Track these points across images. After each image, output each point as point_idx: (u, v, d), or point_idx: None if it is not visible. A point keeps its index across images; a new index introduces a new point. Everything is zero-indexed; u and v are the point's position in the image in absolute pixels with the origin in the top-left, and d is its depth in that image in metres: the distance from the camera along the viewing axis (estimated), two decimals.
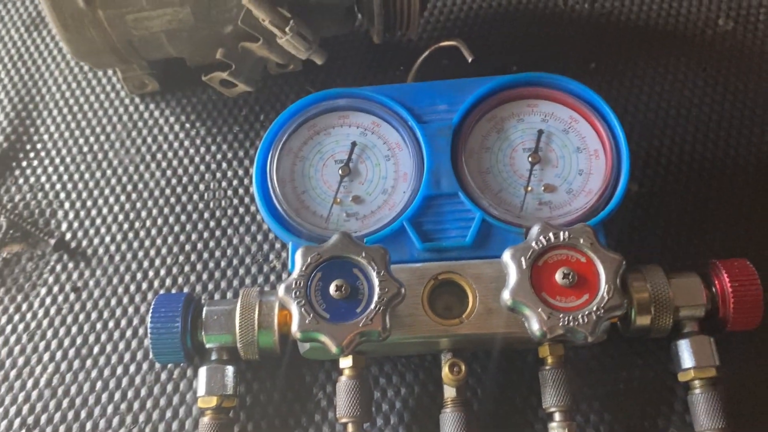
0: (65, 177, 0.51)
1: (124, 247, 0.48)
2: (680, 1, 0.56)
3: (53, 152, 0.52)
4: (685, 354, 0.39)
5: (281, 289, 0.36)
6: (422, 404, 0.41)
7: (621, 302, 0.35)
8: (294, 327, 0.35)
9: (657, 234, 0.45)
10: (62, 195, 0.50)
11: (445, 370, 0.38)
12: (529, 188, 0.42)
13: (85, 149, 0.52)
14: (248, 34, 0.45)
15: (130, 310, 0.45)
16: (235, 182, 0.50)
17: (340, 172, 0.42)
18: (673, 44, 0.54)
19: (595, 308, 0.35)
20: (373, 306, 0.35)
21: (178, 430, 0.41)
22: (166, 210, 0.49)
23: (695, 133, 0.50)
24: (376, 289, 0.35)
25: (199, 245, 0.47)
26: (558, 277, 0.35)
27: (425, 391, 0.42)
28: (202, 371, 0.40)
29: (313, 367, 0.43)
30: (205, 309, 0.41)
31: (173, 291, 0.46)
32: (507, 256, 0.36)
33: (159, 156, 0.51)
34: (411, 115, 0.43)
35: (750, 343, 0.41)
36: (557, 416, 0.38)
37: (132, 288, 0.46)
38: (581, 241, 0.36)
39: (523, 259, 0.36)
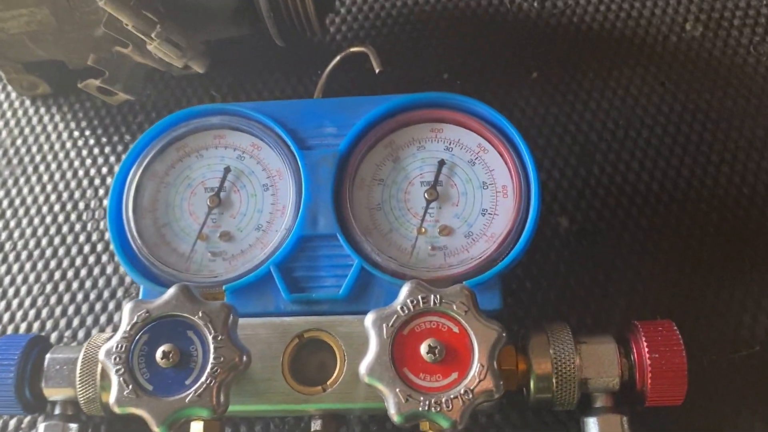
0: None
1: None
2: (643, 1, 0.49)
3: None
4: None
5: (101, 353, 0.31)
6: None
7: (495, 385, 0.29)
8: (111, 399, 0.30)
9: (580, 279, 0.39)
10: None
11: None
12: (423, 230, 0.36)
13: None
14: (120, 40, 0.39)
15: None
16: None
17: (209, 202, 0.37)
18: (630, 52, 0.47)
19: (462, 391, 0.29)
20: (204, 378, 0.30)
21: None
22: (40, 230, 0.44)
23: (643, 160, 0.43)
24: (211, 358, 0.30)
25: (70, 273, 0.42)
26: (423, 350, 0.30)
27: None
28: (41, 428, 0.35)
29: None
30: (47, 357, 0.36)
31: (35, 324, 0.41)
32: (369, 321, 0.30)
33: (42, 168, 0.46)
34: (293, 138, 0.37)
35: (673, 419, 0.35)
36: None
37: None
38: (454, 306, 0.30)
39: (385, 327, 0.30)
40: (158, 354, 0.30)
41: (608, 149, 0.43)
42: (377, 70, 0.41)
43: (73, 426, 0.35)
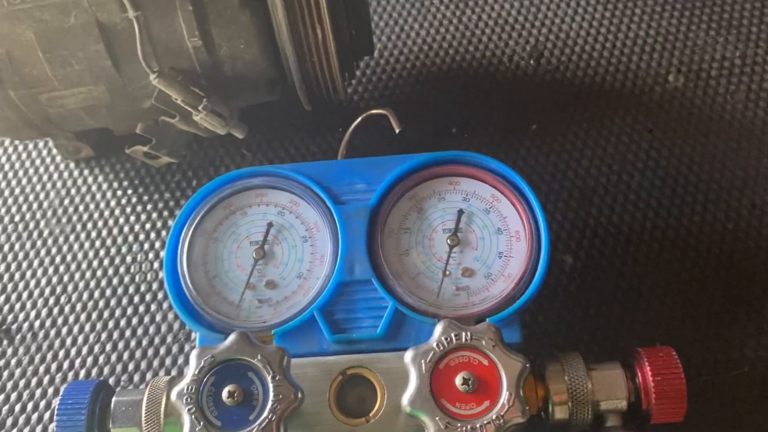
0: (5, 247, 0.50)
1: (48, 323, 0.47)
2: (630, 57, 0.54)
3: None
4: None
5: (173, 394, 0.35)
6: None
7: (522, 410, 0.33)
8: None
9: (587, 311, 0.44)
10: None
11: None
12: (447, 272, 0.40)
13: (17, 218, 0.51)
14: (166, 110, 0.44)
15: (50, 391, 0.45)
16: (162, 253, 0.49)
17: (254, 254, 0.41)
18: (619, 103, 0.52)
19: (494, 417, 0.33)
20: (266, 414, 0.34)
21: None
22: (92, 284, 0.48)
23: (636, 202, 0.48)
24: (271, 396, 0.34)
25: (122, 321, 0.46)
26: (458, 382, 0.34)
27: None
28: None
29: None
30: (113, 399, 0.40)
31: (93, 371, 0.45)
32: (408, 358, 0.35)
33: (89, 225, 0.50)
34: (328, 195, 0.42)
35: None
36: None
37: (53, 367, 0.45)
38: (483, 342, 0.34)
39: (423, 362, 0.34)
40: (224, 394, 0.34)
41: (605, 192, 0.48)
42: (397, 130, 0.46)
43: None
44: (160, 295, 0.47)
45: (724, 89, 0.52)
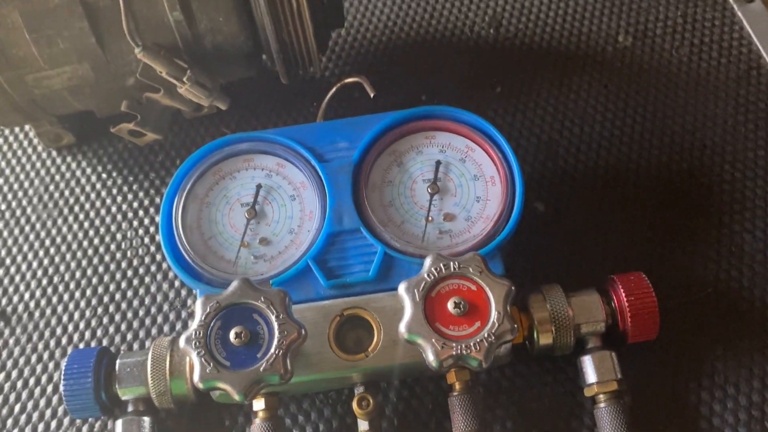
0: None
1: (43, 302, 0.48)
2: (581, 21, 0.58)
3: None
4: (589, 369, 0.40)
5: (182, 341, 0.36)
6: None
7: (511, 327, 0.36)
8: (195, 377, 0.36)
9: (561, 251, 0.47)
10: None
11: (354, 405, 0.39)
12: (430, 218, 0.43)
13: (3, 206, 0.52)
14: (150, 85, 0.46)
15: (51, 366, 0.46)
16: (152, 229, 0.50)
17: (246, 215, 0.43)
18: (575, 64, 0.56)
19: (486, 335, 0.36)
20: (273, 350, 0.36)
21: None
22: (84, 262, 0.49)
23: (598, 150, 0.51)
24: (276, 333, 0.36)
25: (117, 295, 0.48)
26: (450, 306, 0.36)
27: (344, 425, 0.42)
28: (119, 424, 0.40)
29: (232, 410, 0.43)
30: (118, 362, 0.41)
31: (92, 343, 0.46)
32: (402, 289, 0.37)
33: (77, 208, 0.51)
34: (313, 155, 0.44)
35: (651, 353, 0.43)
36: None
37: (52, 343, 0.46)
38: (470, 269, 0.37)
39: (416, 291, 0.37)
40: (231, 335, 0.36)
41: (569, 144, 0.52)
42: (372, 95, 0.49)
43: (146, 419, 0.41)
44: (153, 268, 0.48)
45: (669, 45, 0.56)
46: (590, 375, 0.40)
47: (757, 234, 0.47)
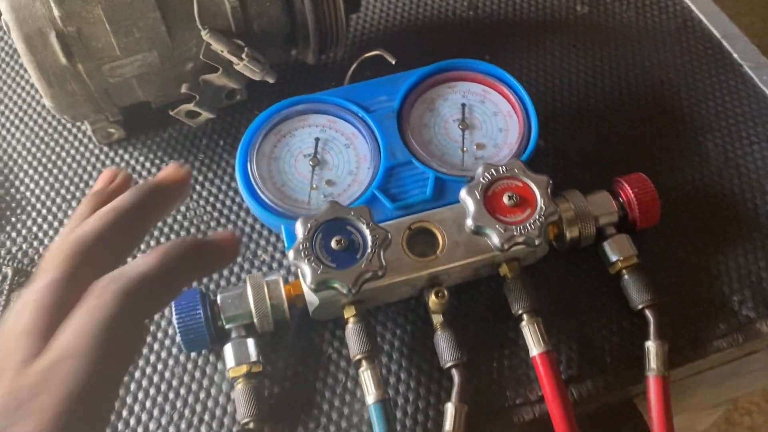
0: (54, 224, 0.56)
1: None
2: None
3: (38, 204, 0.57)
4: (610, 251, 0.49)
5: (291, 254, 0.43)
6: (416, 337, 0.49)
7: (555, 209, 0.45)
8: (308, 280, 0.43)
9: (571, 171, 0.56)
10: (48, 235, 0.55)
11: (432, 298, 0.47)
12: (465, 149, 0.52)
13: (68, 197, 0.57)
14: (207, 67, 0.53)
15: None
16: (211, 198, 0.57)
17: (310, 163, 0.51)
18: (545, 31, 0.66)
19: (537, 217, 0.45)
20: (369, 250, 0.43)
21: (213, 407, 0.47)
22: (156, 233, 0.55)
23: (578, 95, 0.62)
24: (369, 237, 0.44)
25: None
26: (505, 200, 0.45)
27: (417, 327, 0.50)
28: (228, 347, 0.46)
29: (319, 329, 0.50)
30: (219, 296, 0.47)
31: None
32: (464, 193, 0.46)
33: None
34: (360, 108, 0.52)
35: (657, 237, 0.52)
36: (525, 317, 0.47)
37: None
38: (516, 171, 0.46)
39: (476, 191, 0.45)
40: (333, 243, 0.43)
41: (553, 93, 0.62)
42: (393, 62, 0.57)
43: (251, 340, 0.47)
44: (219, 228, 0.55)
45: (618, 9, 0.68)
46: (612, 255, 0.49)
47: (717, 142, 0.58)
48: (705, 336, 0.49)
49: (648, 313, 0.48)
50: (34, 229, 0.56)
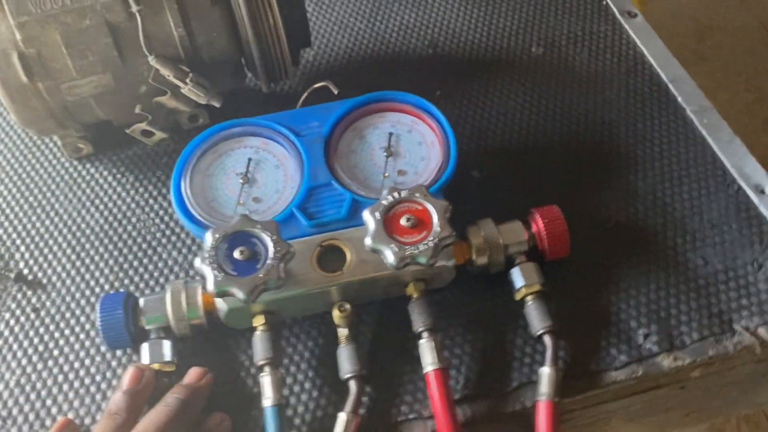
0: (20, 227, 0.61)
1: (73, 273, 0.58)
2: (501, 37, 0.72)
3: (8, 210, 0.62)
4: (517, 277, 0.51)
5: (196, 261, 0.47)
6: (325, 350, 0.52)
7: (450, 233, 0.47)
8: (209, 286, 0.46)
9: (494, 203, 0.58)
10: (18, 241, 0.60)
11: (336, 312, 0.49)
12: (386, 174, 0.55)
13: (35, 204, 0.62)
14: (159, 90, 0.58)
15: (82, 318, 0.55)
16: (161, 212, 0.61)
17: (240, 181, 0.55)
18: (499, 70, 0.69)
19: (431, 239, 0.47)
20: (269, 261, 0.47)
21: None
22: (106, 240, 0.59)
23: (520, 131, 0.64)
24: (271, 249, 0.47)
25: (135, 263, 0.58)
26: (403, 221, 0.48)
27: (328, 341, 0.52)
28: (144, 346, 0.50)
29: (237, 337, 0.53)
30: (141, 299, 0.51)
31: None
32: (366, 213, 0.48)
33: (97, 201, 0.62)
34: (291, 132, 0.56)
35: (569, 269, 0.54)
36: (424, 334, 0.49)
37: (83, 302, 0.56)
38: (416, 195, 0.49)
39: (377, 213, 0.48)
40: (236, 253, 0.47)
41: (495, 128, 0.64)
42: (336, 92, 0.61)
43: (167, 341, 0.50)
44: (164, 238, 0.59)
45: (572, 52, 0.70)
46: (518, 281, 0.51)
47: (647, 180, 0.59)
48: (603, 367, 0.50)
49: (546, 339, 0.49)
50: (4, 237, 0.61)
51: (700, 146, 0.62)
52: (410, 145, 0.56)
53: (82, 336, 0.54)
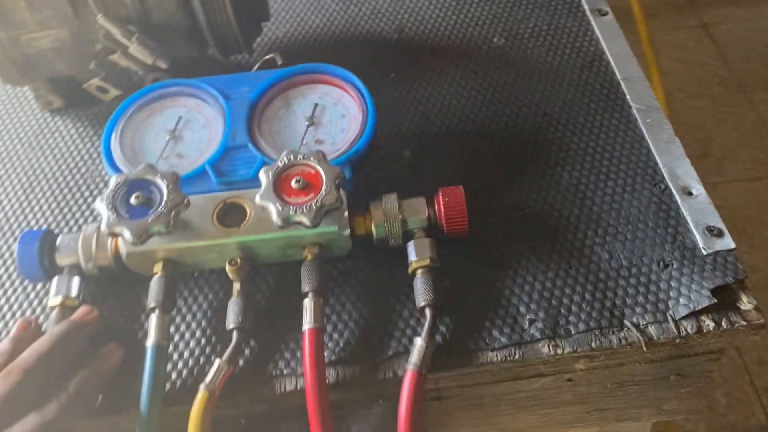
0: None
1: (18, 212, 0.62)
2: (467, 26, 0.73)
3: None
4: (411, 251, 0.52)
5: (96, 202, 0.50)
6: (223, 303, 0.54)
7: (335, 197, 0.49)
8: (102, 225, 0.49)
9: (418, 182, 0.59)
10: None
11: (227, 266, 0.51)
12: (304, 142, 0.56)
13: (7, 162, 0.67)
14: (113, 49, 0.61)
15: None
16: None
17: (167, 137, 0.58)
18: (456, 57, 0.70)
19: (315, 201, 0.48)
20: (161, 208, 0.49)
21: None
22: (54, 186, 0.64)
23: (460, 116, 0.64)
24: (165, 196, 0.50)
25: (75, 207, 0.62)
26: (293, 183, 0.49)
27: (228, 295, 0.54)
28: (54, 279, 0.54)
29: (144, 281, 0.56)
30: (59, 237, 0.55)
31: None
32: (261, 172, 0.50)
33: (56, 151, 0.66)
34: (221, 95, 0.58)
35: (471, 250, 0.54)
36: (309, 295, 0.50)
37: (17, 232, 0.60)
38: (312, 159, 0.50)
39: (270, 172, 0.50)
40: (132, 198, 0.50)
41: (438, 111, 0.65)
42: (279, 63, 0.63)
43: (76, 278, 0.54)
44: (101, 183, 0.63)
45: (532, 44, 0.70)
46: (411, 255, 0.52)
47: (574, 173, 0.59)
48: (481, 346, 0.50)
49: (427, 311, 0.50)
50: None
51: (637, 144, 0.61)
52: (334, 117, 0.58)
53: (11, 269, 0.58)
